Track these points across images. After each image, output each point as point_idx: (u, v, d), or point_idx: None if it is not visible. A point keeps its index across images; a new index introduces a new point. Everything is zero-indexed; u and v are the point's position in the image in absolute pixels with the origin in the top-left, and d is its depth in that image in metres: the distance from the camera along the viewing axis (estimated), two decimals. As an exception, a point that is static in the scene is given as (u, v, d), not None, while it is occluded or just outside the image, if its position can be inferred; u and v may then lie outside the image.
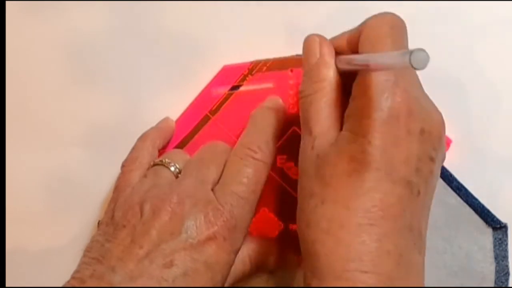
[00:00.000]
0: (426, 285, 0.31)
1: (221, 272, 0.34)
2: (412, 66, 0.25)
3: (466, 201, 0.40)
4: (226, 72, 0.42)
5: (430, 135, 0.31)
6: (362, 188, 0.29)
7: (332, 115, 0.32)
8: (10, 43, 0.44)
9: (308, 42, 0.35)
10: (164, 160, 0.38)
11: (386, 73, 0.30)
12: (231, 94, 0.42)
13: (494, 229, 0.40)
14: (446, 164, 0.41)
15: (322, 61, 0.34)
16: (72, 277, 0.33)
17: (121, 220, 0.34)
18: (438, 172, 0.32)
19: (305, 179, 0.32)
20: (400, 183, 0.30)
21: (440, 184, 0.40)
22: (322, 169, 0.31)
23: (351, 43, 0.33)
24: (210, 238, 0.34)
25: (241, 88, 0.42)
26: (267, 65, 0.42)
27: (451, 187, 0.40)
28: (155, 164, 0.38)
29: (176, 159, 0.38)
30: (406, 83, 0.30)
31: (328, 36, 0.35)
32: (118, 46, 0.43)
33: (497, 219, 0.40)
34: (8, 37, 0.44)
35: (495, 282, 0.40)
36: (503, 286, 0.39)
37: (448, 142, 0.41)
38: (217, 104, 0.42)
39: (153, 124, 0.42)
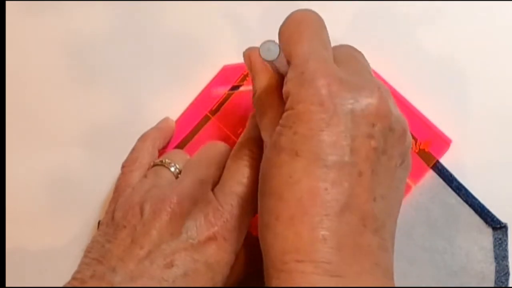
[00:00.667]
0: (426, 285, 0.31)
1: (221, 272, 0.34)
2: (264, 59, 0.27)
3: (466, 201, 0.40)
4: (226, 72, 0.42)
5: (363, 112, 0.30)
6: (292, 178, 0.29)
7: (277, 117, 0.32)
8: (10, 43, 0.44)
9: (244, 60, 0.36)
10: (164, 161, 0.38)
11: (303, 63, 0.30)
12: (231, 94, 0.42)
13: (494, 229, 0.40)
14: (446, 164, 0.41)
15: (254, 71, 0.35)
16: (73, 278, 0.33)
17: (121, 221, 0.34)
18: (389, 148, 0.31)
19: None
20: (333, 167, 0.29)
21: (440, 184, 0.41)
22: (263, 166, 0.31)
23: None
24: (210, 239, 0.34)
25: (241, 88, 0.42)
26: (267, 65, 0.42)
27: (451, 187, 0.40)
28: (155, 165, 0.38)
29: (176, 159, 0.38)
30: (327, 68, 0.30)
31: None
32: (118, 46, 0.43)
33: (497, 219, 0.40)
34: (8, 37, 0.44)
35: (495, 282, 0.40)
36: (503, 286, 0.40)
37: (448, 142, 0.41)
38: (217, 104, 0.42)
39: (153, 124, 0.42)
